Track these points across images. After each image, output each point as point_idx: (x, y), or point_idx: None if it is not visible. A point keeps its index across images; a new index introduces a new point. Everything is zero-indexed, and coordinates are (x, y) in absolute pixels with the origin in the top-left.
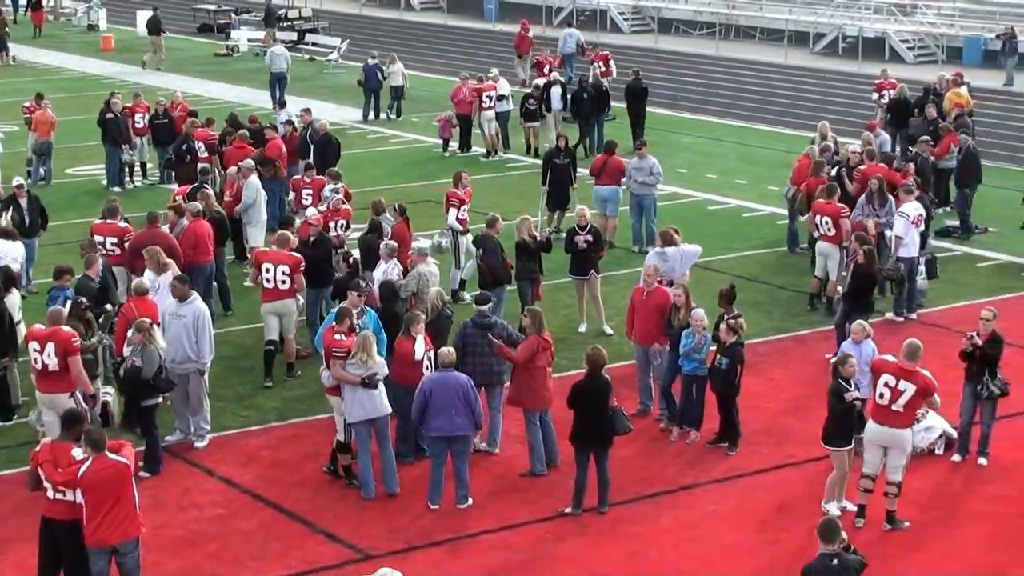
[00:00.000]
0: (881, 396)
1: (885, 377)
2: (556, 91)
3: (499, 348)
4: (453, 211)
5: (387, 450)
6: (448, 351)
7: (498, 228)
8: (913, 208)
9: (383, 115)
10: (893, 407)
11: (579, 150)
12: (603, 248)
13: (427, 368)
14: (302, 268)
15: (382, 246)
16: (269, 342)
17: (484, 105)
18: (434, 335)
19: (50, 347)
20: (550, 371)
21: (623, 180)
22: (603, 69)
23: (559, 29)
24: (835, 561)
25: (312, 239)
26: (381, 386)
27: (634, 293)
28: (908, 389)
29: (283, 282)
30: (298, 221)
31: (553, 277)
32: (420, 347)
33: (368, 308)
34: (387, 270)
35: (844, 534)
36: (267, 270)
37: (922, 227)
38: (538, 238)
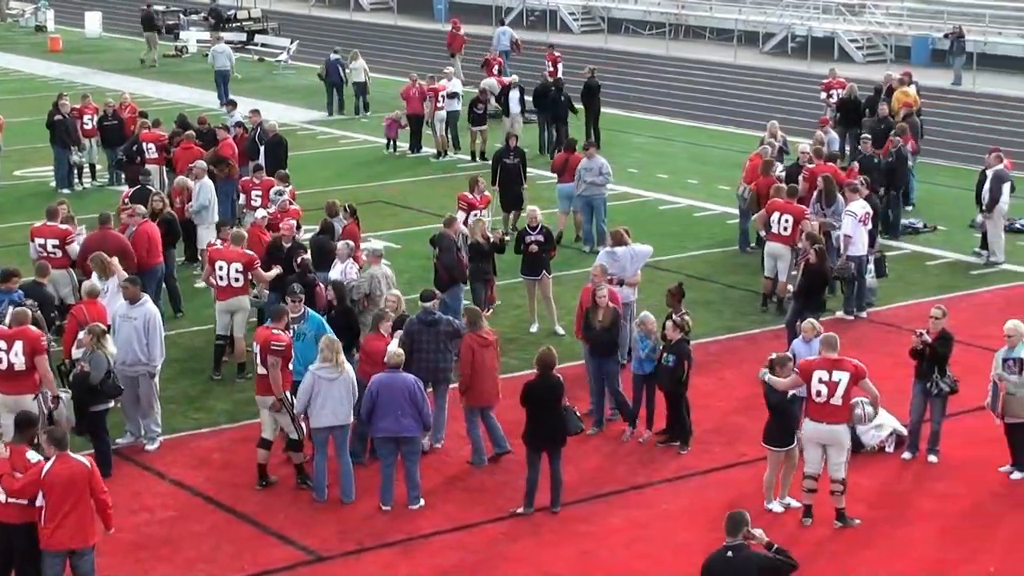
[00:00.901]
0: (819, 394)
1: (818, 373)
2: (515, 94)
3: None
4: (461, 214)
5: (345, 457)
6: (396, 352)
7: (455, 228)
8: (860, 207)
9: (360, 112)
10: (832, 401)
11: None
12: (554, 248)
13: None
14: (256, 265)
15: (340, 245)
16: (219, 337)
17: (437, 104)
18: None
19: (18, 346)
20: (495, 368)
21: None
22: (550, 69)
23: (492, 27)
24: (730, 553)
25: (285, 246)
26: (348, 394)
27: (583, 293)
28: (842, 378)
29: (236, 280)
30: (247, 221)
31: (504, 277)
32: (392, 345)
33: (311, 312)
34: (344, 269)
35: (759, 532)
36: (220, 268)
37: (870, 225)
38: (491, 239)
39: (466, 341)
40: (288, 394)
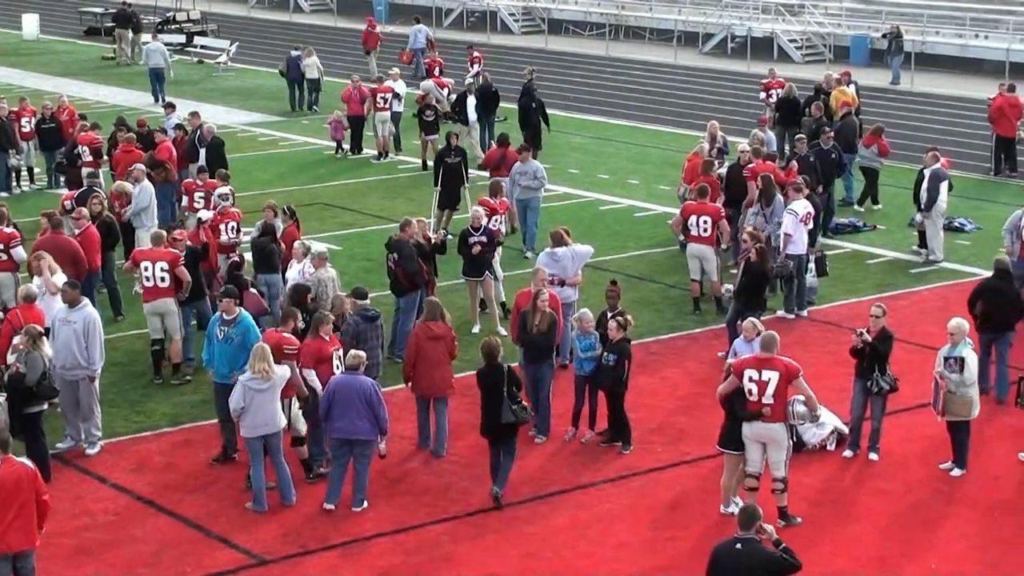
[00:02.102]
0: (750, 392)
1: (748, 373)
2: (472, 101)
3: None
4: (484, 219)
5: (280, 460)
6: (355, 354)
7: (411, 232)
8: (802, 206)
9: (311, 107)
10: (763, 400)
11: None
12: (495, 249)
13: (337, 368)
14: (180, 264)
15: (296, 245)
16: (154, 342)
17: (379, 105)
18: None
19: None
20: (445, 361)
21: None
22: (477, 70)
23: (405, 26)
24: (739, 546)
25: (187, 253)
26: (277, 401)
27: (519, 297)
28: (772, 377)
29: (162, 279)
30: (191, 222)
31: (446, 278)
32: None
33: (244, 313)
34: (301, 270)
35: (770, 528)
36: (146, 268)
37: (810, 225)
38: (432, 240)
39: (414, 331)
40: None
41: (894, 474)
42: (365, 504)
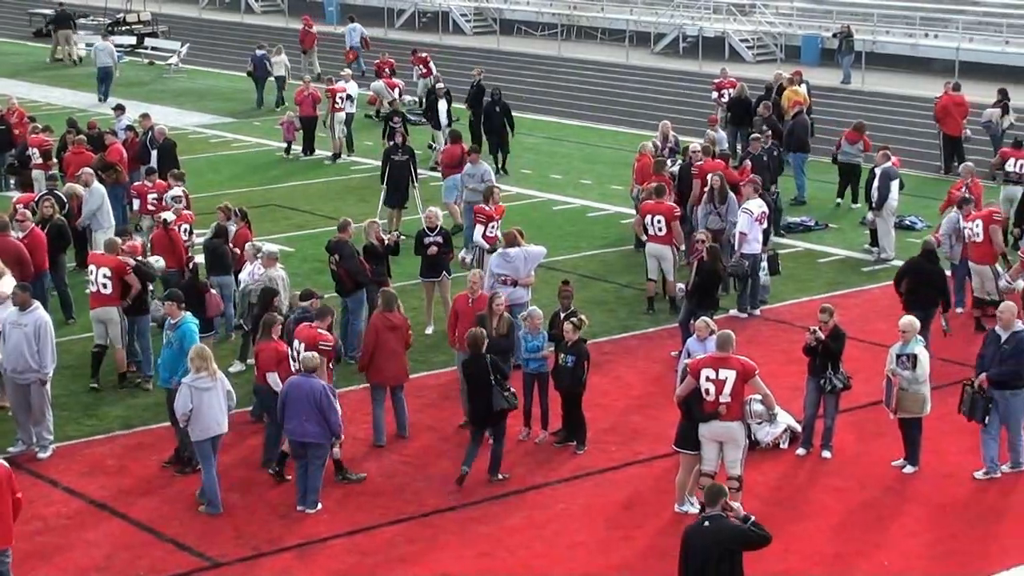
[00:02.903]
0: (707, 392)
1: (705, 372)
2: (443, 105)
3: None
4: (480, 227)
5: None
6: (310, 356)
7: (350, 232)
8: (757, 205)
9: (279, 105)
10: (721, 399)
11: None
12: (452, 251)
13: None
14: (128, 272)
15: (248, 247)
16: (96, 345)
17: (336, 106)
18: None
19: None
20: (401, 350)
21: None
22: (424, 71)
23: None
24: (707, 523)
25: (133, 266)
26: (225, 400)
27: (457, 300)
28: (729, 376)
29: (104, 286)
30: (146, 224)
31: (400, 279)
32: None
33: (185, 315)
34: (252, 271)
35: (737, 505)
36: (91, 272)
37: (765, 224)
38: (386, 241)
39: (372, 321)
40: None
41: (847, 472)
42: (319, 506)
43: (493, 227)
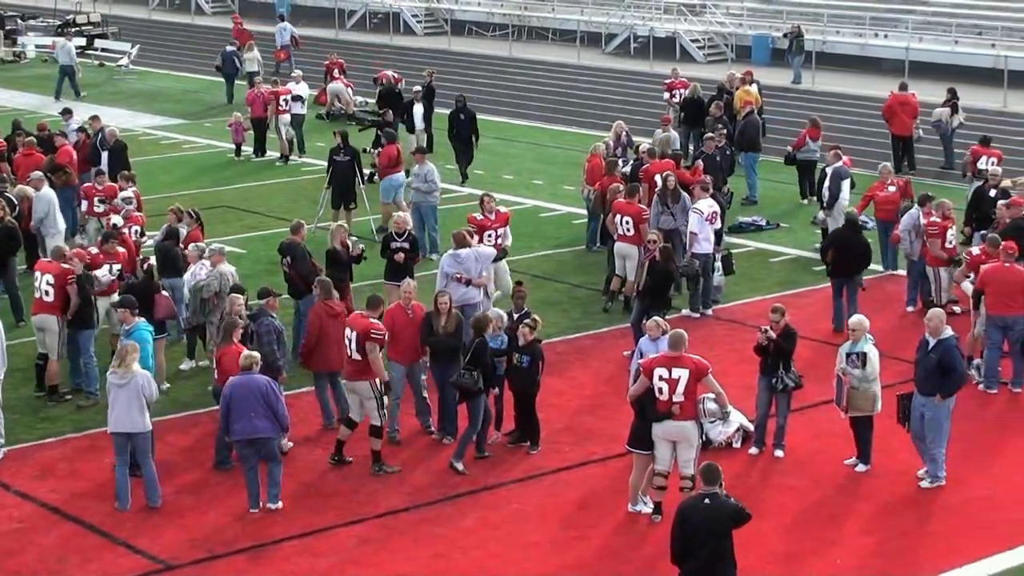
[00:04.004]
0: (660, 391)
1: (658, 371)
2: (419, 110)
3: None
4: (475, 238)
5: (148, 465)
6: (248, 354)
7: (303, 234)
8: (707, 205)
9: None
10: (674, 398)
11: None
12: (418, 255)
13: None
14: (71, 282)
15: (191, 248)
16: (39, 355)
17: (280, 108)
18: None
19: None
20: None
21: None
22: (336, 74)
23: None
24: (707, 500)
25: (74, 278)
26: (139, 399)
27: (396, 311)
28: (682, 375)
29: (46, 293)
30: (91, 227)
31: (363, 280)
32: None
33: (139, 321)
34: (195, 272)
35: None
36: (36, 278)
37: (717, 223)
38: (351, 251)
39: (315, 310)
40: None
41: (800, 471)
42: (279, 503)
43: (489, 236)
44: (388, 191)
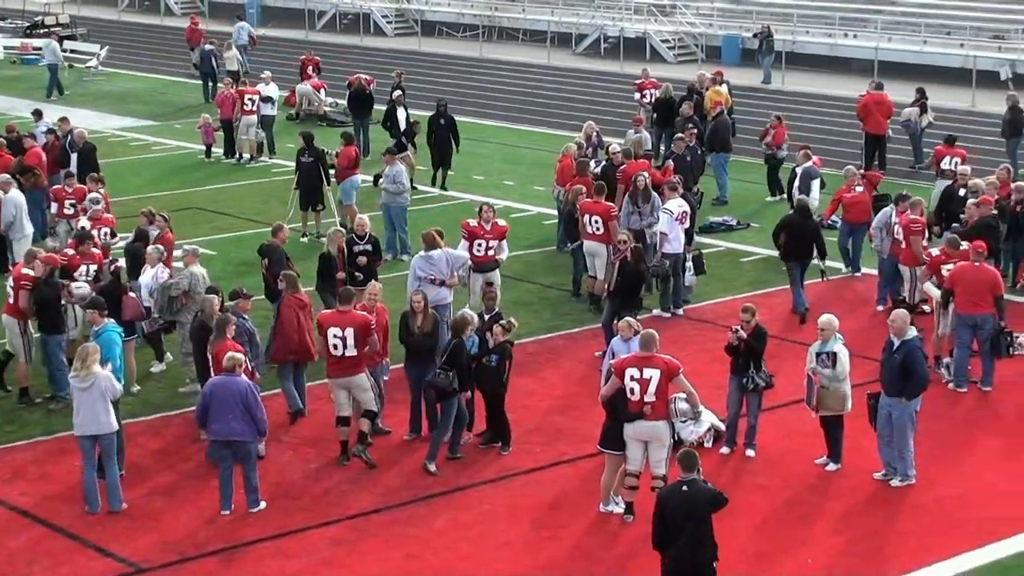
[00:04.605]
0: (632, 392)
1: (629, 371)
2: (402, 113)
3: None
4: (464, 243)
5: (112, 468)
6: (232, 355)
7: (282, 237)
8: (677, 205)
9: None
10: (646, 398)
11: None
12: (381, 258)
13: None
14: (26, 286)
15: (150, 250)
16: (3, 352)
17: (245, 108)
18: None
19: None
20: (309, 328)
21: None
22: (308, 72)
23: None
24: (685, 487)
25: (43, 279)
26: (104, 401)
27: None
28: (653, 375)
29: (9, 296)
30: (60, 230)
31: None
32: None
33: (107, 323)
34: (156, 274)
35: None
36: (6, 281)
37: (687, 223)
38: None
39: (288, 303)
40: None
41: (770, 470)
42: (262, 504)
43: (479, 245)
44: (348, 192)
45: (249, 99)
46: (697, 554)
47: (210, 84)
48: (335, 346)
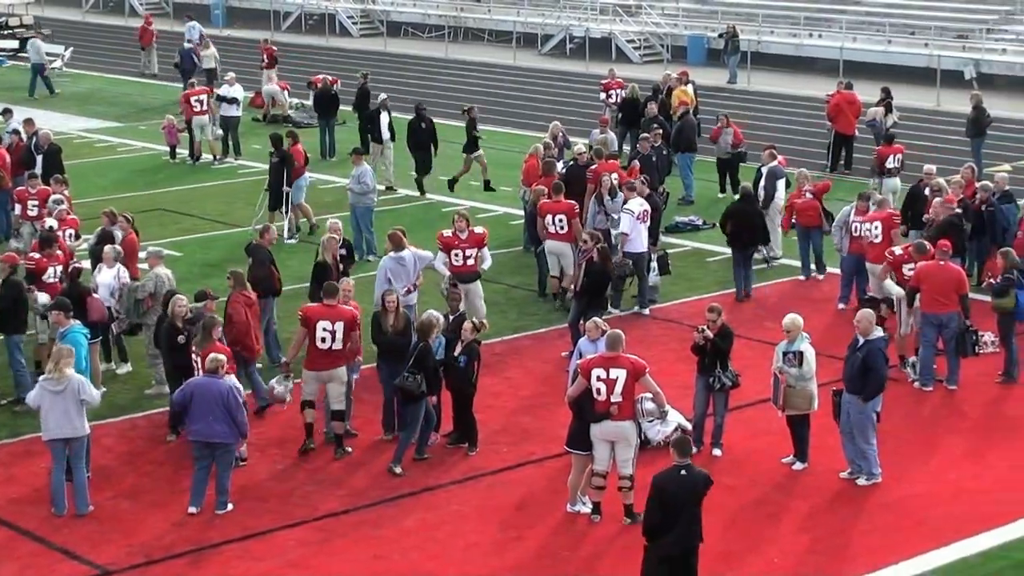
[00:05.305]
0: (598, 392)
1: (596, 372)
2: (385, 117)
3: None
4: (441, 255)
5: (80, 470)
6: (215, 357)
7: (268, 238)
8: (638, 204)
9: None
10: (612, 398)
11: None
12: (353, 260)
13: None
14: None
15: (107, 250)
16: None
17: (194, 109)
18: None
19: None
20: (257, 325)
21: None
22: (270, 75)
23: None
24: (683, 472)
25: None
26: (77, 404)
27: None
28: (620, 375)
29: None
30: (25, 232)
31: (293, 282)
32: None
33: (73, 324)
34: (116, 274)
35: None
36: None
37: (648, 223)
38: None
39: (237, 299)
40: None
41: (737, 469)
42: (230, 506)
43: (456, 255)
44: (297, 192)
45: (196, 100)
46: (692, 534)
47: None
48: (323, 339)
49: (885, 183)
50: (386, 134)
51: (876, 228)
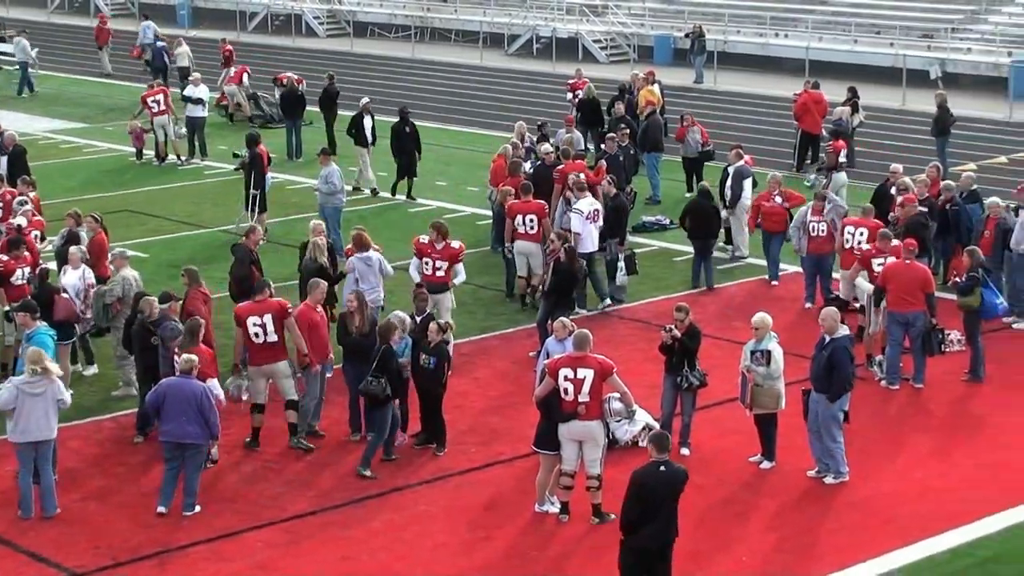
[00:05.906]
0: (566, 392)
1: (563, 371)
2: (368, 122)
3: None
4: (415, 261)
5: (47, 472)
6: (188, 358)
7: (253, 239)
8: (588, 204)
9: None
10: (580, 398)
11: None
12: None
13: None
14: None
15: (73, 251)
16: None
17: (152, 110)
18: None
19: None
20: (208, 320)
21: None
22: (232, 76)
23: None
24: (662, 468)
25: None
26: (54, 406)
27: (307, 310)
28: (587, 375)
29: None
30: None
31: (276, 281)
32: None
33: (40, 326)
34: (82, 275)
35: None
36: None
37: (600, 222)
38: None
39: (195, 296)
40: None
41: (705, 468)
42: (197, 508)
43: (427, 263)
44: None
45: (153, 100)
46: (670, 529)
47: (161, 78)
48: (256, 334)
49: (835, 178)
50: (369, 137)
51: (862, 235)
